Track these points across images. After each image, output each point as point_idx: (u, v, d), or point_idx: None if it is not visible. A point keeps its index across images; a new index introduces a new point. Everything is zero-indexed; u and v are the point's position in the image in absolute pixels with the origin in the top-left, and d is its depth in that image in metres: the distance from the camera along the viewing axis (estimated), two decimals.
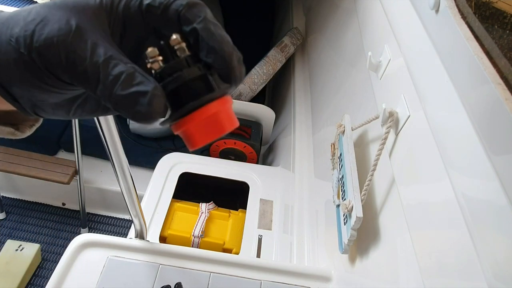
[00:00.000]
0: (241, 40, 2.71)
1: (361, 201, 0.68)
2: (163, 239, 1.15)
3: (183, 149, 1.93)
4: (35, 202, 1.91)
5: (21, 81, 0.26)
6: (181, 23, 0.28)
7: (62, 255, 0.84)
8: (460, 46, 0.51)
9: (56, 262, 1.04)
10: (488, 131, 0.43)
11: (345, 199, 0.72)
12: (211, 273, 0.85)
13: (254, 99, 1.78)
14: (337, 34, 1.34)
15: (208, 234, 1.19)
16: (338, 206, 0.77)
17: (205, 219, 1.21)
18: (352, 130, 0.83)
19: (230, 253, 1.14)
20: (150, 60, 0.27)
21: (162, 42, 0.27)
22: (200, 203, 1.26)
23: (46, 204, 1.90)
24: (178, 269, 0.85)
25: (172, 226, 1.18)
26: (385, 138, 0.69)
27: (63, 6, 0.26)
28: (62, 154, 1.89)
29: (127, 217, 1.90)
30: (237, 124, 0.29)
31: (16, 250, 1.63)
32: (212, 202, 1.28)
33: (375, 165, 0.69)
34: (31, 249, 1.64)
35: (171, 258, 0.86)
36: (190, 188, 1.36)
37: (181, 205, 1.25)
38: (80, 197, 1.71)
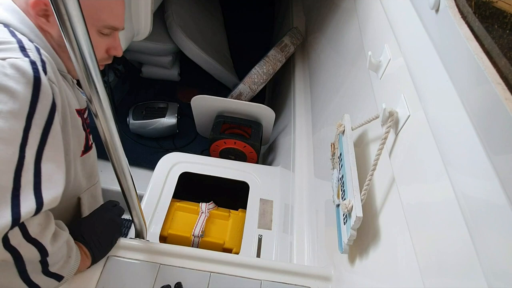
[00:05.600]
0: (241, 40, 2.71)
1: (361, 201, 0.68)
2: (163, 238, 1.15)
3: (183, 149, 1.94)
4: None
5: None
6: None
7: None
8: (460, 46, 0.51)
9: None
10: (488, 131, 0.43)
11: (345, 199, 0.72)
12: (211, 273, 0.85)
13: (254, 99, 1.78)
14: (337, 34, 1.34)
15: (208, 233, 1.19)
16: (338, 206, 0.77)
17: (205, 219, 1.21)
18: (352, 130, 0.83)
19: (230, 253, 1.14)
20: None
21: None
22: (200, 203, 1.26)
23: None
24: (178, 269, 0.85)
25: (172, 226, 1.18)
26: (385, 138, 0.69)
27: None
28: None
29: (127, 217, 1.90)
30: None
31: None
32: (212, 202, 1.28)
33: (375, 165, 0.69)
34: None
35: (171, 258, 0.86)
36: (190, 188, 1.36)
37: (181, 205, 1.25)
38: None
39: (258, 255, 1.11)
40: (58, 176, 0.60)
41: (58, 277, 0.67)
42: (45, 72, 0.60)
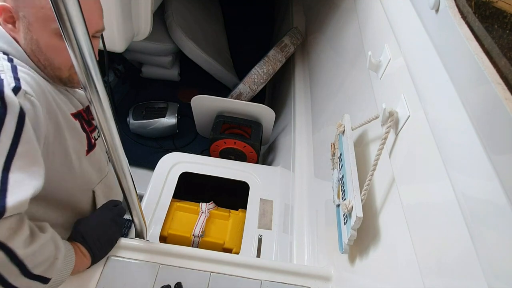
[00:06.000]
0: (241, 40, 2.71)
1: (361, 201, 0.68)
2: (163, 238, 1.15)
3: (183, 149, 1.94)
4: None
5: None
6: None
7: None
8: (460, 46, 0.51)
9: None
10: (488, 131, 0.43)
11: (345, 199, 0.72)
12: (211, 273, 0.85)
13: (254, 99, 1.78)
14: (337, 34, 1.34)
15: (208, 233, 1.19)
16: (338, 206, 0.77)
17: (205, 219, 1.21)
18: (352, 130, 0.83)
19: (230, 252, 1.14)
20: None
21: None
22: (200, 203, 1.26)
23: None
24: (178, 269, 0.85)
25: (172, 225, 1.18)
26: (385, 138, 0.69)
27: None
28: None
29: (127, 217, 1.90)
30: None
31: None
32: (212, 202, 1.28)
33: (375, 165, 0.69)
34: None
35: (171, 258, 0.86)
36: (190, 188, 1.36)
37: (181, 205, 1.25)
38: None
39: (258, 255, 1.11)
40: (27, 182, 0.60)
41: (43, 280, 0.66)
42: (18, 88, 0.61)
